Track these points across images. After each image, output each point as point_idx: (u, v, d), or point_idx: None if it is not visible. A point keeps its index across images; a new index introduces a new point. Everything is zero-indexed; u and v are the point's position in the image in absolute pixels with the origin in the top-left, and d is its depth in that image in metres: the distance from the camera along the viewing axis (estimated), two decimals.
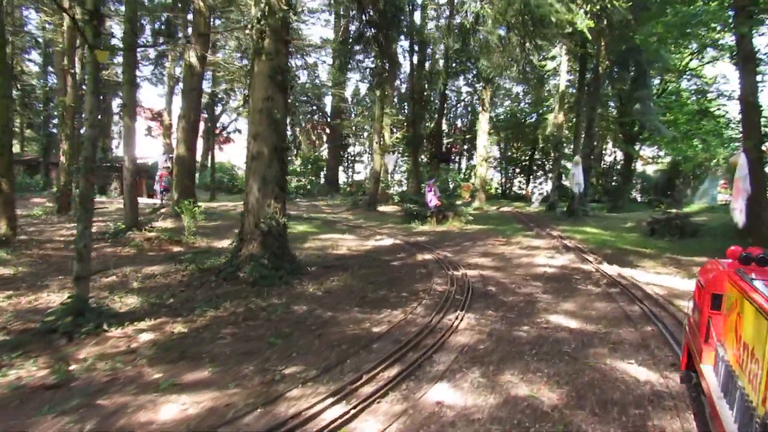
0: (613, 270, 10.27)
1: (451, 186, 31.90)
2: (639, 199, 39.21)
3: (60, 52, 27.30)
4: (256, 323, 6.42)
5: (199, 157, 53.27)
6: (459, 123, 46.34)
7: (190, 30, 19.57)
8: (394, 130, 32.10)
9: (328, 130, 41.40)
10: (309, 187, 39.19)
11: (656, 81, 32.26)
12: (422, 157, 29.91)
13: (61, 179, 18.27)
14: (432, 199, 18.42)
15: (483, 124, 29.76)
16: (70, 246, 11.70)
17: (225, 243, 13.27)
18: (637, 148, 33.33)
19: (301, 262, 9.58)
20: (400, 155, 37.20)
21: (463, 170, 44.30)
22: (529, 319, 6.80)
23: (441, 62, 27.96)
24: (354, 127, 41.53)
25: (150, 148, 51.89)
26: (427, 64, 26.76)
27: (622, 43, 22.18)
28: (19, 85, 29.30)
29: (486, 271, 10.08)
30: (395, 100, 30.52)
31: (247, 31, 11.57)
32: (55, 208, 17.72)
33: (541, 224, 20.36)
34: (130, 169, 14.12)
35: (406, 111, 33.71)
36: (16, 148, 34.39)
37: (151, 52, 32.69)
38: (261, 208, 8.89)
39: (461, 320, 6.60)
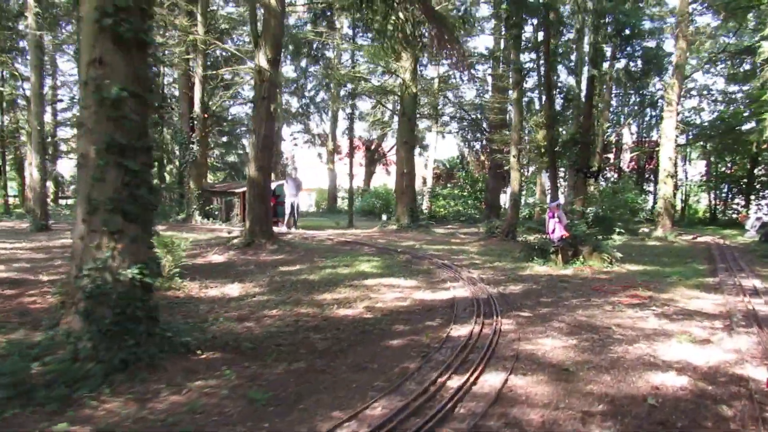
0: None
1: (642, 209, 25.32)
2: None
3: (183, 76, 27.06)
4: None
5: (361, 182, 52.26)
6: (655, 134, 38.46)
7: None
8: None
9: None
10: (461, 209, 34.92)
11: None
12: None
13: None
14: (556, 228, 13.06)
15: (668, 130, 22.81)
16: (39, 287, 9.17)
17: (231, 289, 9.83)
18: None
19: (176, 343, 5.54)
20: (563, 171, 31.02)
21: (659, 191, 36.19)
22: None
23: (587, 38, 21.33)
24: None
25: (322, 175, 52.31)
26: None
27: None
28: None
29: (526, 380, 5.06)
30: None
31: None
32: None
33: (738, 265, 13.71)
34: None
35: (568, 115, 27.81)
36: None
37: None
38: (86, 250, 5.12)
39: None
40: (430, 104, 42.42)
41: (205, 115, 25.09)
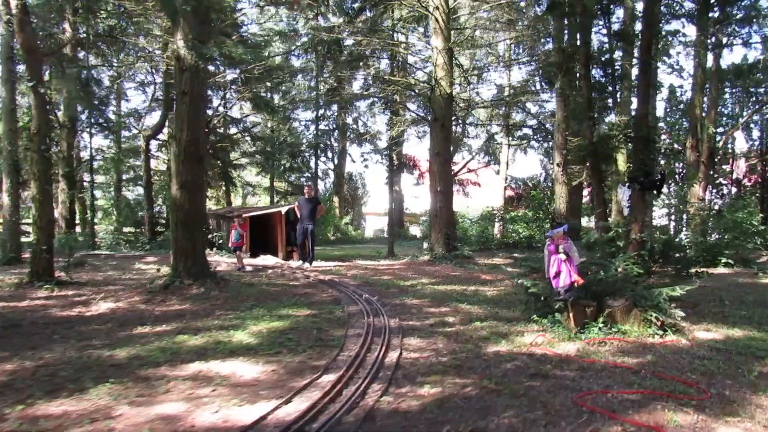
0: None
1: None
2: None
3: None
4: None
5: (428, 205, 47.54)
6: None
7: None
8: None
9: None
10: (533, 235, 29.48)
11: None
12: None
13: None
14: (562, 270, 7.92)
15: None
16: None
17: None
18: None
19: None
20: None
21: None
22: None
23: None
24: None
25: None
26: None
27: None
28: None
29: None
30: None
31: None
32: (26, 277, 12.80)
33: None
34: None
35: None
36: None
37: None
38: None
39: None
40: (502, 115, 37.88)
41: (205, 131, 21.97)
